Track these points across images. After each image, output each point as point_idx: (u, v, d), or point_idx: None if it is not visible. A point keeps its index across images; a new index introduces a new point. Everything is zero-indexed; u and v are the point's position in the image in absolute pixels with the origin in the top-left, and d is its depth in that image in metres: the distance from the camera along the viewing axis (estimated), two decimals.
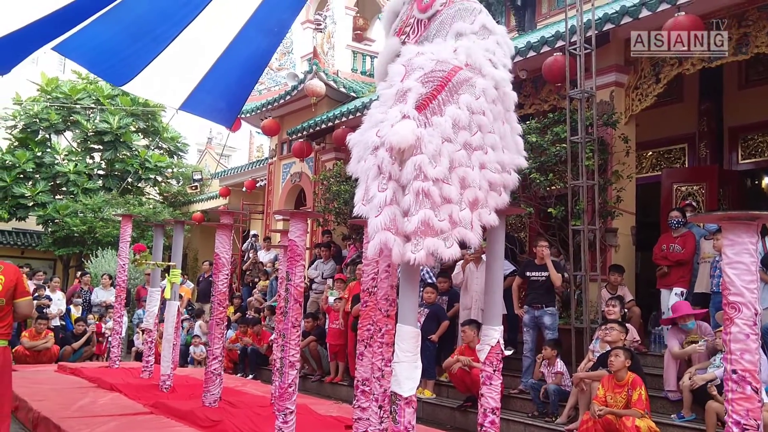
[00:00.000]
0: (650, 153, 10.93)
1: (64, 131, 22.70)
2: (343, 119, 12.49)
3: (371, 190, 3.33)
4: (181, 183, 24.34)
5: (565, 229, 8.15)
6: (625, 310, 7.43)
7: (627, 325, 6.94)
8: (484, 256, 7.02)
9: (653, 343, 8.14)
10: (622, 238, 8.45)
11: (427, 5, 3.98)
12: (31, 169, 21.65)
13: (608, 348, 6.34)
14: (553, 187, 8.31)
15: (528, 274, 7.83)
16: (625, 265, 8.15)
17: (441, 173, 3.27)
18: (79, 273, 14.72)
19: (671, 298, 7.52)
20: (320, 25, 15.77)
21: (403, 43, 4.03)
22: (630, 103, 8.59)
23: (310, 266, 11.49)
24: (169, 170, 24.05)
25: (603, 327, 6.71)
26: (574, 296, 7.77)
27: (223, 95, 6.29)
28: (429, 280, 8.72)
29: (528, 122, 8.64)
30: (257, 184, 18.26)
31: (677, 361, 6.55)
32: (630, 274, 8.49)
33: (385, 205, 3.26)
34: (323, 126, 13.18)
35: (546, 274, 7.64)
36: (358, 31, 16.91)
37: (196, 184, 23.60)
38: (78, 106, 21.75)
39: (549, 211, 8.25)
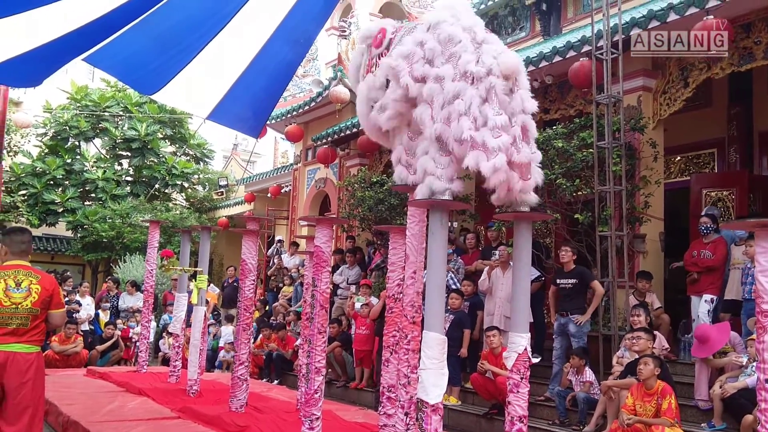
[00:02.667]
0: (679, 158, 10.78)
1: (93, 138, 23.06)
2: None
3: (485, 114, 3.51)
4: (207, 189, 24.59)
5: (591, 235, 8.07)
6: (651, 317, 7.32)
7: (655, 332, 6.85)
8: (511, 262, 6.98)
9: (683, 351, 8.02)
10: (651, 244, 8.35)
11: (380, 40, 4.28)
12: (61, 176, 22.04)
13: (637, 356, 6.26)
14: (579, 193, 8.24)
15: (558, 281, 7.78)
16: (653, 272, 8.05)
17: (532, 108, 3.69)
18: (108, 279, 14.93)
19: (701, 305, 7.41)
20: (345, 31, 15.85)
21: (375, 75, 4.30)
22: (658, 108, 8.49)
23: (334, 272, 11.53)
24: (196, 176, 24.32)
25: (629, 336, 6.63)
26: (602, 303, 7.69)
27: (250, 105, 6.34)
28: (453, 287, 8.69)
29: (554, 127, 8.58)
30: (282, 190, 18.37)
31: (708, 369, 6.45)
32: (659, 280, 8.38)
33: (503, 131, 3.51)
34: (348, 132, 13.22)
35: (572, 281, 7.58)
36: None
37: (221, 190, 23.84)
38: (107, 113, 22.10)
39: (576, 217, 8.17)
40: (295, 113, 15.21)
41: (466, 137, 3.49)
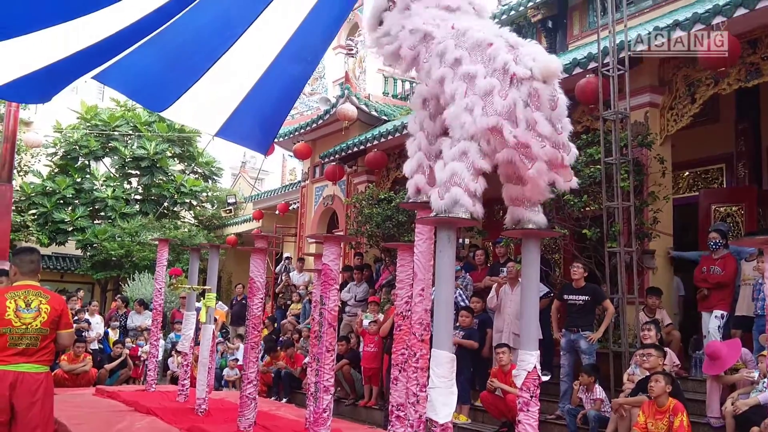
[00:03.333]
0: (687, 173, 10.76)
1: (103, 157, 23.23)
2: (375, 142, 12.56)
3: (534, 120, 3.41)
4: (215, 207, 24.68)
5: (600, 251, 8.04)
6: (662, 334, 7.27)
7: (665, 348, 6.80)
8: (520, 278, 6.95)
9: (694, 368, 7.94)
10: (660, 260, 8.31)
11: None
12: (70, 195, 22.17)
13: (648, 373, 6.21)
14: (587, 209, 8.23)
15: (566, 297, 7.74)
16: (662, 288, 8.00)
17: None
18: (117, 297, 14.97)
19: (712, 321, 7.36)
20: (352, 50, 15.95)
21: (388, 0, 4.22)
22: (665, 124, 8.49)
23: (342, 289, 11.51)
24: (204, 194, 24.42)
25: (640, 352, 6.58)
26: (612, 319, 7.65)
27: (258, 122, 6.38)
28: (462, 303, 8.66)
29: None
30: (290, 207, 18.41)
31: (720, 386, 6.39)
32: (668, 296, 8.33)
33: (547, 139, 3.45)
34: (355, 149, 13.28)
35: (584, 297, 7.54)
36: None
37: (230, 207, 23.91)
38: (116, 133, 22.27)
39: (584, 232, 8.15)
40: (302, 131, 15.28)
41: (509, 142, 3.40)
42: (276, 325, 13.29)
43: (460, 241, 11.10)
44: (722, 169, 10.42)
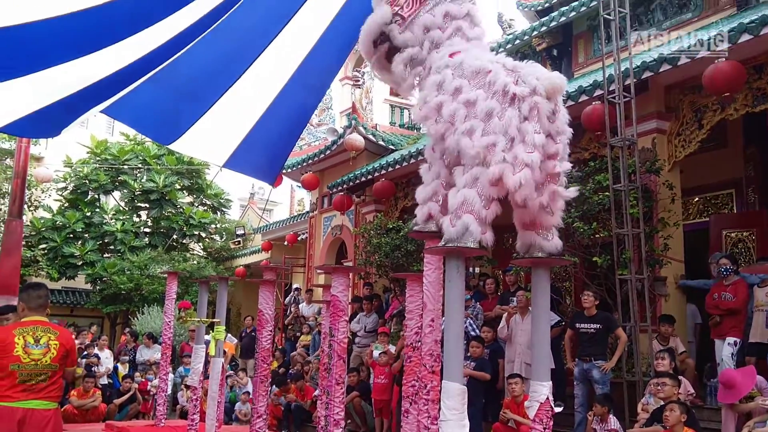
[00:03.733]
0: (696, 199, 10.71)
1: (113, 191, 23.37)
2: (383, 172, 12.60)
3: (524, 131, 3.43)
4: (224, 238, 24.72)
5: (611, 278, 7.98)
6: (676, 362, 7.16)
7: (680, 377, 6.70)
8: (530, 307, 6.89)
9: (709, 396, 7.81)
10: (672, 287, 8.23)
11: None
12: (80, 229, 22.26)
13: (663, 402, 6.11)
14: (597, 236, 8.18)
15: (578, 325, 7.66)
16: (675, 315, 7.91)
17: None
18: (126, 331, 14.94)
19: (725, 349, 7.25)
20: (358, 81, 16.09)
21: (395, 14, 4.17)
22: (673, 150, 8.48)
23: (351, 320, 11.44)
24: (213, 226, 24.47)
25: (654, 381, 6.48)
26: (625, 348, 7.55)
27: (265, 153, 6.42)
28: (473, 333, 8.58)
29: (569, 171, 8.57)
30: (299, 238, 18.42)
31: (735, 414, 6.27)
32: (682, 323, 8.24)
33: (536, 148, 3.42)
34: (363, 179, 13.31)
35: (595, 326, 7.46)
36: None
37: (239, 239, 23.94)
38: (126, 166, 22.44)
39: (594, 260, 8.10)
40: (310, 161, 15.36)
41: (498, 158, 3.40)
42: (286, 357, 13.20)
43: (470, 269, 11.04)
44: (732, 194, 10.37)
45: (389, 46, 4.27)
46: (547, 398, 3.69)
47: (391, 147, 14.08)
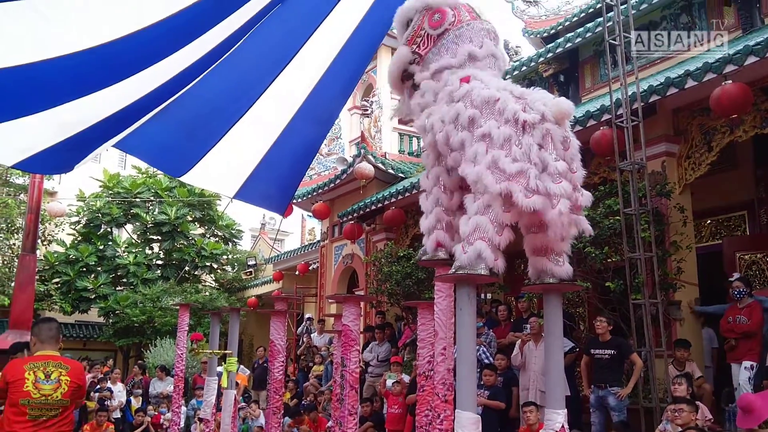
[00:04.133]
0: (709, 221, 10.64)
1: (125, 224, 23.52)
2: (393, 200, 12.62)
3: (545, 160, 3.46)
4: (236, 269, 24.75)
5: (625, 303, 7.91)
6: (693, 388, 7.06)
7: (697, 402, 6.59)
8: (543, 334, 6.83)
9: (728, 422, 7.67)
10: (686, 311, 8.14)
11: (437, 22, 4.25)
12: (93, 263, 22.38)
13: (680, 429, 6.00)
14: (609, 261, 8.13)
15: (592, 351, 7.58)
16: (691, 340, 7.81)
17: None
18: (136, 364, 14.91)
19: (741, 373, 7.15)
20: (367, 110, 16.22)
21: (413, 53, 4.34)
22: (683, 173, 8.45)
23: (364, 349, 11.38)
24: (225, 257, 24.54)
25: (671, 407, 6.38)
26: (641, 374, 7.46)
27: (275, 183, 6.44)
28: (486, 361, 8.51)
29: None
30: (310, 267, 18.42)
31: None
32: (698, 347, 8.13)
33: (563, 177, 3.45)
34: (373, 207, 13.34)
35: (610, 351, 7.38)
36: None
37: (250, 269, 23.96)
38: (138, 199, 22.62)
39: (607, 285, 8.04)
40: (320, 191, 15.42)
41: (533, 186, 3.40)
42: (299, 387, 13.11)
43: (481, 296, 10.98)
44: (744, 216, 10.29)
45: (413, 83, 4.42)
46: (563, 426, 3.65)
47: (401, 175, 14.13)
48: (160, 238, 23.32)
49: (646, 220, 7.78)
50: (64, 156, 5.09)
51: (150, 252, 23.60)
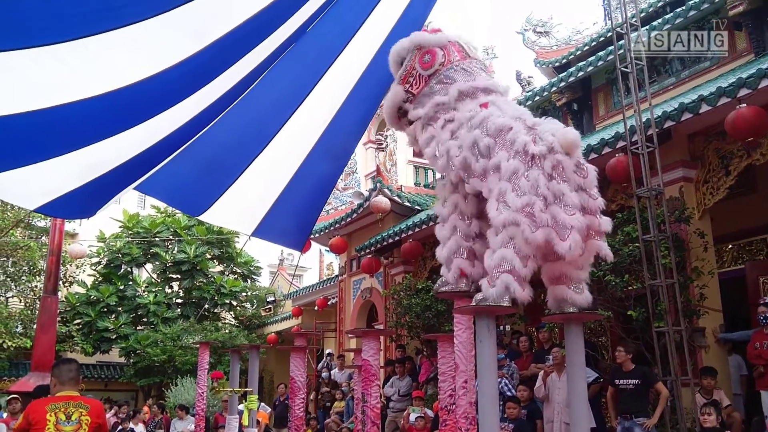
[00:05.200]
0: (730, 246, 10.51)
1: (145, 264, 23.69)
2: (410, 232, 12.62)
3: (555, 190, 3.48)
4: (255, 306, 24.78)
5: (648, 331, 7.79)
6: (722, 417, 6.90)
7: None
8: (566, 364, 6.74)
9: None
10: (711, 337, 8.01)
11: (428, 63, 4.38)
12: (114, 303, 22.52)
13: None
14: (630, 288, 8.04)
15: (616, 381, 7.46)
16: (717, 367, 7.67)
17: None
18: (154, 404, 14.85)
19: None
20: (382, 144, 16.33)
21: (406, 91, 4.49)
22: (701, 198, 8.39)
23: (385, 383, 11.28)
24: (244, 294, 24.59)
25: None
26: (668, 403, 7.31)
27: (293, 220, 6.48)
28: (509, 393, 8.39)
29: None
30: (329, 302, 18.38)
31: None
32: (725, 375, 7.97)
33: (575, 208, 3.48)
34: (390, 240, 13.34)
35: (634, 381, 7.26)
36: None
37: (269, 306, 23.97)
38: (157, 238, 22.81)
39: (629, 313, 7.93)
40: (338, 225, 15.47)
41: (538, 219, 3.42)
42: (319, 424, 13.00)
43: (501, 327, 10.88)
44: (766, 239, 10.16)
45: (409, 120, 4.56)
46: None
47: (417, 207, 14.16)
48: (179, 276, 23.45)
49: (666, 247, 7.71)
50: (86, 200, 5.17)
51: (170, 291, 23.72)
